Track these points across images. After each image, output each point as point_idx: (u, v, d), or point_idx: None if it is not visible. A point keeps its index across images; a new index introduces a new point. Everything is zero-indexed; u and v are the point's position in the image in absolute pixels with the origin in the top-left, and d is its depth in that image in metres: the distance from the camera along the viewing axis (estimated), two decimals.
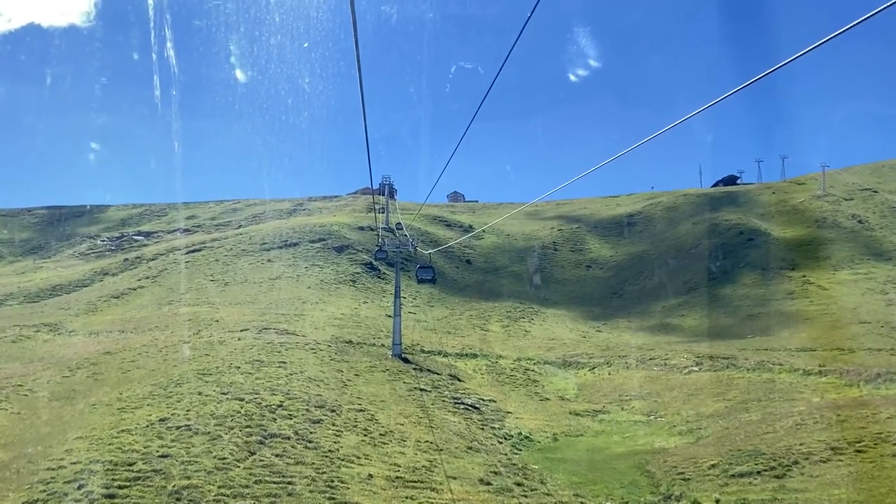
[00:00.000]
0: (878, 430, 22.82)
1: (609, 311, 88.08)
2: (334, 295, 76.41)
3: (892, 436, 21.97)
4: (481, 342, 62.70)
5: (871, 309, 73.79)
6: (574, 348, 58.10)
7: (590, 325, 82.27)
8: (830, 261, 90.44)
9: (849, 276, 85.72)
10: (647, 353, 51.17)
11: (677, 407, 36.64)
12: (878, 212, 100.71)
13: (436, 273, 49.89)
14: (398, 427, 28.71)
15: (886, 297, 77.96)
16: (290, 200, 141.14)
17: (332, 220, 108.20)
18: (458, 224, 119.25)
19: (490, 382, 44.95)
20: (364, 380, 38.77)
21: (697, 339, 71.08)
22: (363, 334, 55.05)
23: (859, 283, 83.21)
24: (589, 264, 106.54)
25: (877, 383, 33.22)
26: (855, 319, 70.29)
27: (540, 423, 35.01)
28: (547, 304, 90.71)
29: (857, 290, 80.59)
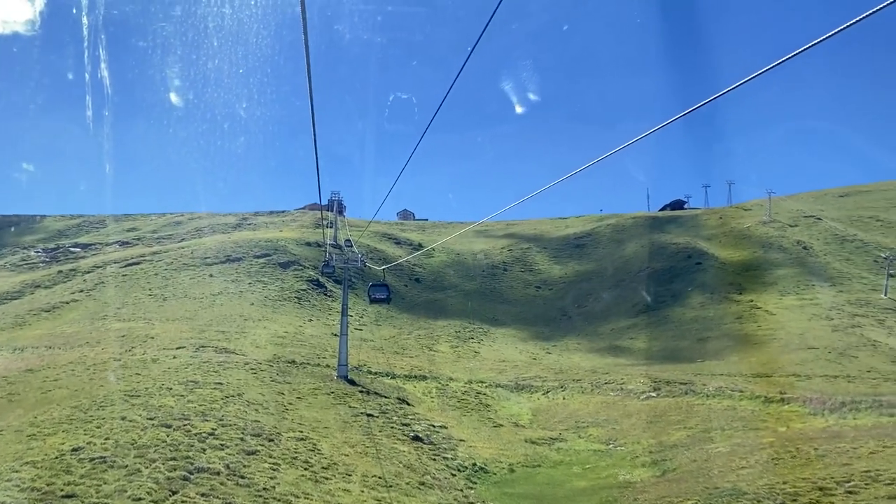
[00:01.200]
0: (864, 468, 21.03)
1: (559, 333, 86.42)
2: (278, 312, 73.06)
3: (882, 474, 20.18)
4: (430, 363, 60.14)
5: (817, 335, 73.46)
6: (526, 371, 55.93)
7: (540, 347, 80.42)
8: (777, 286, 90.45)
9: (795, 302, 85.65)
10: (603, 376, 49.25)
11: (637, 435, 34.61)
12: (822, 238, 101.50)
13: (391, 292, 45.79)
14: (343, 458, 25.96)
15: (832, 323, 77.84)
16: (234, 215, 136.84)
17: (278, 236, 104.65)
18: (408, 242, 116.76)
19: (440, 407, 42.39)
20: (307, 403, 35.87)
21: (648, 361, 69.74)
22: (307, 354, 52.02)
23: (805, 308, 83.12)
24: (538, 285, 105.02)
25: (842, 412, 31.71)
26: (803, 345, 69.76)
27: (494, 452, 32.59)
28: (496, 324, 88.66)
29: (804, 316, 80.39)
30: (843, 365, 62.44)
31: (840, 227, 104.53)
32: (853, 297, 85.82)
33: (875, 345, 70.12)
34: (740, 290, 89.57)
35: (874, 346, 69.49)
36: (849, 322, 77.67)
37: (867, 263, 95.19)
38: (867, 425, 28.40)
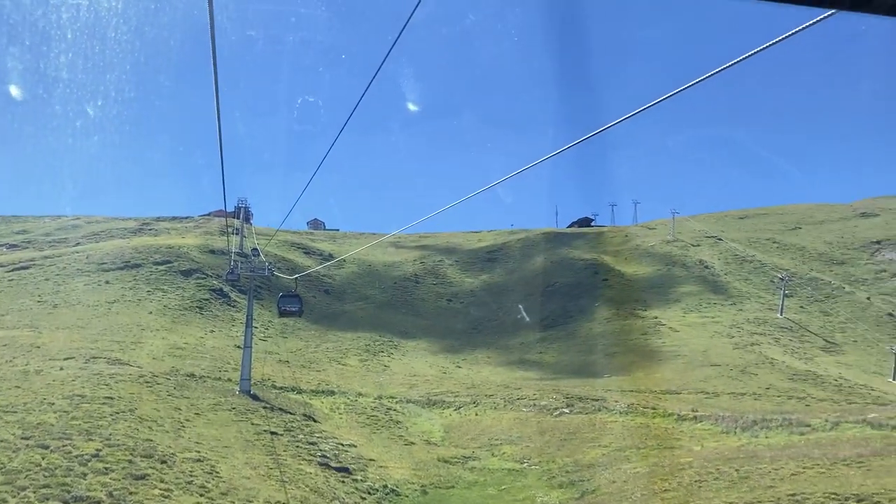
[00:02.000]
0: (790, 490, 20.55)
1: (469, 346, 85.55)
2: (178, 322, 69.35)
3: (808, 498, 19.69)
4: (339, 378, 57.97)
5: (719, 352, 75.04)
6: (437, 385, 54.55)
7: (450, 360, 79.31)
8: (680, 303, 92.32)
9: (697, 319, 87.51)
10: (515, 392, 48.32)
11: (552, 453, 33.68)
12: (723, 258, 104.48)
13: (303, 304, 42.53)
14: (243, 482, 23.85)
15: (732, 341, 79.77)
16: (135, 219, 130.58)
17: (180, 242, 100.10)
18: (318, 252, 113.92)
19: (349, 424, 40.45)
20: (206, 420, 33.39)
21: (557, 375, 69.64)
22: (208, 367, 49.12)
23: (707, 325, 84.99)
24: (450, 297, 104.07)
25: (754, 431, 31.64)
26: (706, 362, 71.06)
27: (406, 472, 30.99)
28: (407, 337, 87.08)
29: (706, 333, 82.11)
30: (745, 382, 63.77)
31: (740, 248, 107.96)
32: (752, 315, 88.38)
33: (773, 362, 72.10)
34: (645, 306, 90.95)
35: (772, 364, 71.43)
36: (748, 340, 79.80)
37: (764, 283, 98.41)
38: (780, 444, 28.26)
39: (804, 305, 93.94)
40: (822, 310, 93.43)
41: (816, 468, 22.55)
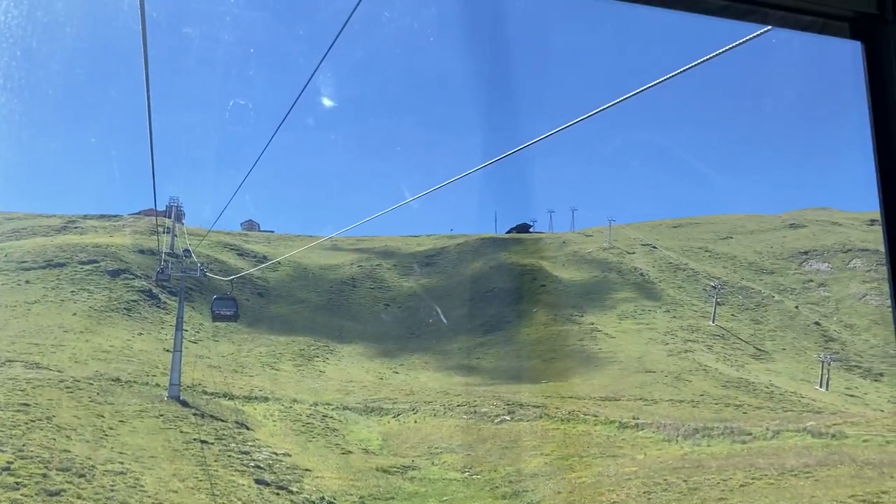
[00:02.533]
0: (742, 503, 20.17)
1: (406, 351, 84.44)
2: (104, 324, 66.34)
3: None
4: (272, 383, 56.13)
5: (654, 358, 75.69)
6: (375, 392, 53.26)
7: (387, 366, 78.09)
8: (616, 310, 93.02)
9: (632, 326, 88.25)
10: (455, 398, 47.45)
11: (494, 462, 32.86)
12: (657, 266, 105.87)
13: (238, 308, 40.42)
14: (170, 497, 22.28)
15: (667, 348, 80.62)
16: (60, 217, 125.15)
17: (108, 241, 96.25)
18: (252, 254, 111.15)
19: (284, 432, 38.89)
20: (131, 428, 31.50)
21: (495, 381, 69.12)
22: (135, 371, 46.82)
23: (642, 332, 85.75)
24: (387, 302, 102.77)
25: (696, 439, 31.44)
26: (641, 368, 71.55)
27: (344, 483, 29.73)
28: (343, 341, 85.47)
29: (641, 340, 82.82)
30: (679, 388, 64.33)
31: (673, 256, 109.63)
32: (685, 322, 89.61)
33: (706, 369, 73.06)
34: (582, 312, 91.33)
35: (706, 371, 72.37)
36: (682, 347, 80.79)
37: (697, 291, 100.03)
38: (723, 453, 28.06)
39: (735, 313, 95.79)
40: (752, 318, 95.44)
41: (765, 479, 22.28)
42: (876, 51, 1.94)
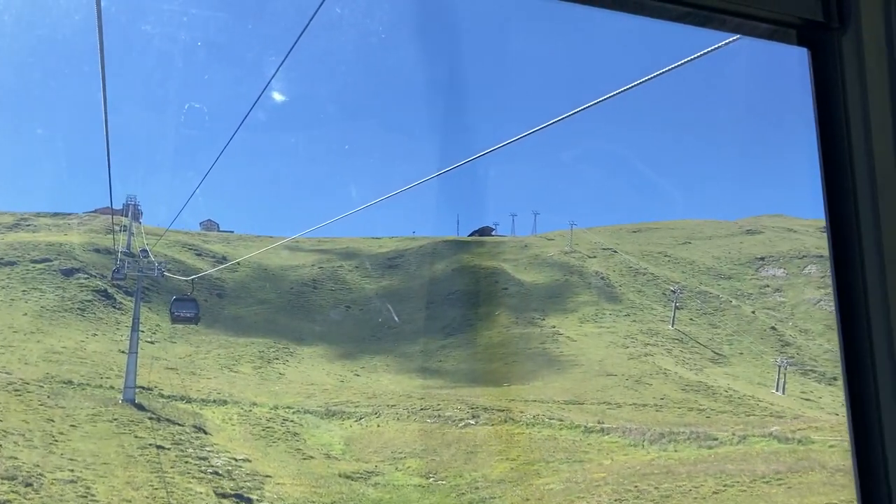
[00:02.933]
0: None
1: (368, 353, 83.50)
2: (56, 325, 64.25)
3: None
4: (231, 386, 54.78)
5: (615, 362, 75.89)
6: (336, 395, 52.26)
7: (348, 368, 77.11)
8: (577, 313, 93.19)
9: (594, 329, 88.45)
10: (418, 402, 46.69)
11: (459, 467, 32.22)
12: (618, 270, 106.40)
13: (199, 310, 38.82)
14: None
15: (627, 351, 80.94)
16: (11, 214, 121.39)
17: (62, 240, 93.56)
18: (211, 254, 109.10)
19: (243, 436, 37.78)
20: (83, 432, 30.20)
21: (458, 384, 68.61)
22: (88, 373, 45.21)
23: (603, 335, 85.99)
24: (349, 304, 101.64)
25: (662, 444, 31.19)
26: (602, 371, 71.64)
27: (305, 490, 28.81)
28: (303, 343, 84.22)
29: (602, 343, 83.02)
30: (640, 392, 64.46)
31: (633, 261, 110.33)
32: (645, 326, 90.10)
33: (666, 373, 73.42)
34: (544, 315, 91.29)
35: (665, 375, 72.71)
36: (642, 350, 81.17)
37: (657, 295, 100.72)
38: (691, 458, 27.80)
39: (694, 318, 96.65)
40: (710, 322, 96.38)
41: (737, 486, 22.01)
42: (822, 58, 1.96)
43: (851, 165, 1.89)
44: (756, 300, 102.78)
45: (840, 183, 1.90)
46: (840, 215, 1.91)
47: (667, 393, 65.46)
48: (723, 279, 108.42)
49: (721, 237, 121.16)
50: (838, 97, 1.92)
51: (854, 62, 1.91)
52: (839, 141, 1.92)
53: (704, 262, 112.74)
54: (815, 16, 1.95)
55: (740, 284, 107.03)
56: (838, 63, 1.93)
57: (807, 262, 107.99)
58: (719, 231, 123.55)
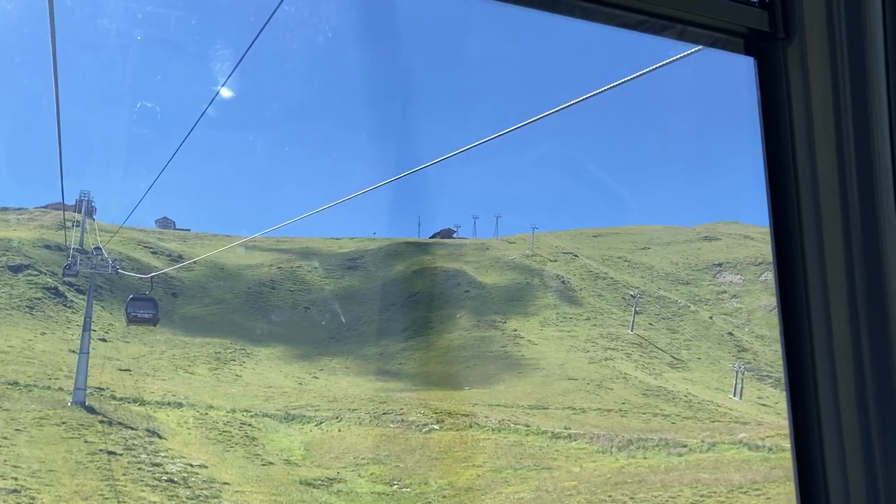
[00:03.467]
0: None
1: (327, 355, 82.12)
2: (3, 323, 61.75)
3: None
4: (187, 388, 53.07)
5: (576, 366, 75.75)
6: (296, 398, 50.90)
7: (306, 370, 75.69)
8: (538, 317, 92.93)
9: (555, 333, 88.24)
10: (380, 406, 45.59)
11: (424, 474, 31.27)
12: (578, 274, 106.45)
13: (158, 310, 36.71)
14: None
15: (588, 355, 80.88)
16: None
17: (10, 235, 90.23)
18: (167, 252, 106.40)
19: (200, 440, 36.32)
20: (28, 437, 28.57)
21: (418, 387, 67.75)
22: (36, 374, 43.24)
23: (564, 339, 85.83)
24: (307, 305, 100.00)
25: (630, 450, 30.66)
26: (564, 375, 71.38)
27: (265, 497, 27.60)
28: (261, 344, 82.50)
29: (563, 347, 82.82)
30: (602, 396, 64.26)
31: (594, 265, 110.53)
32: (605, 331, 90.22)
33: (626, 377, 73.45)
34: (505, 318, 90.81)
35: (626, 379, 72.73)
36: (603, 355, 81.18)
37: (616, 300, 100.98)
38: (661, 466, 27.27)
39: (653, 322, 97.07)
40: (668, 327, 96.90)
41: (714, 496, 21.47)
42: (767, 68, 1.99)
43: (795, 173, 1.91)
44: (713, 306, 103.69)
45: (784, 190, 1.93)
46: (784, 222, 1.94)
47: (628, 398, 65.37)
48: (681, 284, 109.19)
49: (679, 243, 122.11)
50: (783, 106, 1.93)
51: (798, 72, 1.93)
52: (784, 149, 1.93)
53: (663, 268, 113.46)
54: (760, 25, 1.95)
55: (698, 290, 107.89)
56: (783, 73, 1.95)
57: (763, 269, 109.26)
58: (678, 237, 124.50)
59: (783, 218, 1.95)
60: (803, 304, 1.92)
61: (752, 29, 1.98)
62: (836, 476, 1.89)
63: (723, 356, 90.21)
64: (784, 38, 1.95)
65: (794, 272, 1.95)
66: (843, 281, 1.87)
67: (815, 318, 1.90)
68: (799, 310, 1.94)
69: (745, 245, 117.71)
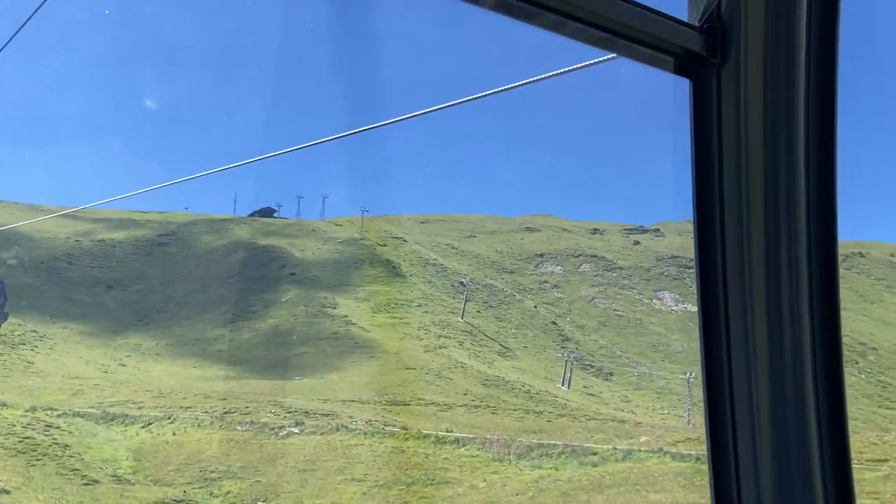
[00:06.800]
0: None
1: (133, 340, 72.64)
2: None
3: None
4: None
5: (412, 354, 72.23)
6: (111, 392, 42.45)
7: (110, 357, 66.17)
8: (369, 302, 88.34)
9: (387, 320, 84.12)
10: (219, 403, 38.69)
11: (295, 492, 25.60)
12: (408, 260, 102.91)
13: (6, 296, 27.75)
14: None
15: (422, 343, 77.62)
16: None
17: None
18: None
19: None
20: None
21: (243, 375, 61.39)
22: None
23: (397, 327, 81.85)
24: (110, 283, 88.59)
25: (533, 459, 27.01)
26: (401, 364, 67.53)
27: None
28: (56, 326, 71.27)
29: (396, 335, 78.80)
30: (443, 387, 60.94)
31: (423, 251, 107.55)
32: (436, 318, 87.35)
33: (463, 367, 70.81)
34: (334, 304, 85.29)
35: (463, 369, 70.07)
36: (436, 343, 78.14)
37: (446, 287, 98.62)
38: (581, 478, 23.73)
39: (481, 310, 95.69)
40: (496, 315, 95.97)
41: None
42: (700, 90, 2.01)
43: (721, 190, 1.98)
44: (537, 295, 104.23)
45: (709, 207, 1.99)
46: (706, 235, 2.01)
47: (469, 388, 62.60)
48: (506, 273, 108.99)
49: (503, 233, 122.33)
50: (713, 127, 1.99)
51: (731, 95, 1.97)
52: (711, 166, 1.99)
53: (489, 256, 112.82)
54: (697, 48, 1.98)
55: (522, 279, 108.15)
56: (716, 95, 1.98)
57: (582, 261, 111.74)
58: (502, 227, 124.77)
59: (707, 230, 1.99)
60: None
61: (689, 50, 1.98)
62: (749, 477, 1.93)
63: (548, 345, 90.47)
64: (719, 62, 1.96)
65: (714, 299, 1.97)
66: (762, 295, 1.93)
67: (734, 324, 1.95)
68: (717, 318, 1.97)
69: (564, 237, 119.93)
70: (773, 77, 1.95)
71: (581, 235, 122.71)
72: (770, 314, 1.95)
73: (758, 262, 1.95)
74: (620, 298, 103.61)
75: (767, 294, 1.96)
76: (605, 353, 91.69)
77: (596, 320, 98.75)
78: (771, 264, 1.96)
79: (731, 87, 1.96)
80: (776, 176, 1.96)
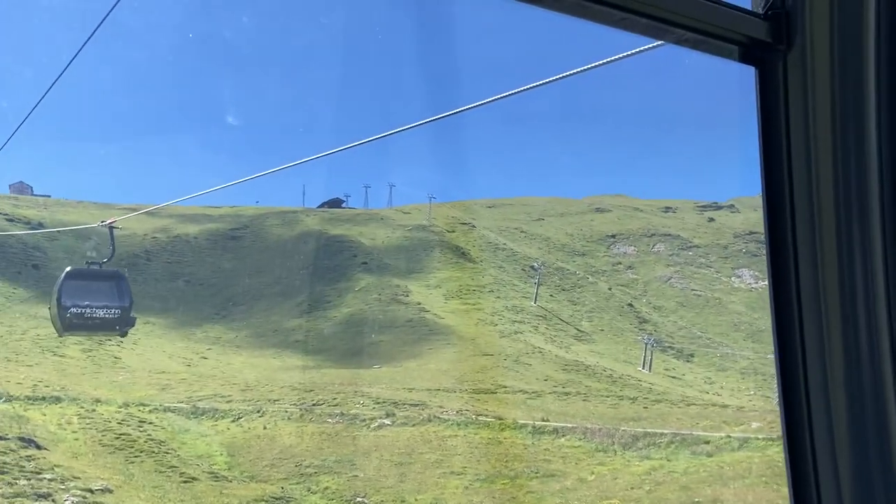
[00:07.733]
0: None
1: (214, 333, 73.41)
2: None
3: None
4: (61, 375, 43.35)
5: (488, 340, 71.06)
6: (198, 386, 42.44)
7: (192, 350, 66.88)
8: (441, 289, 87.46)
9: (460, 306, 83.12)
10: (306, 395, 38.15)
11: (394, 487, 24.65)
12: (478, 245, 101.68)
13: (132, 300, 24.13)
14: None
15: (497, 329, 76.36)
16: None
17: None
18: (24, 219, 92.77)
19: (91, 449, 27.88)
20: None
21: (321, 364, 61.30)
22: None
23: (470, 313, 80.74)
24: (188, 277, 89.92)
25: (639, 449, 25.41)
26: (478, 351, 66.37)
27: None
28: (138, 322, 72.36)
29: (471, 321, 77.68)
30: (523, 373, 59.56)
31: (492, 236, 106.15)
32: (509, 303, 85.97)
33: (541, 352, 69.34)
34: (407, 291, 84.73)
35: (542, 354, 68.59)
36: (511, 328, 76.77)
37: (517, 272, 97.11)
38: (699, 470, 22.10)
39: (553, 294, 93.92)
40: (569, 299, 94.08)
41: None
42: (767, 77, 2.01)
43: (791, 180, 1.97)
44: (610, 277, 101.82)
45: (780, 197, 1.98)
46: (778, 225, 2.00)
47: (549, 373, 61.15)
48: (577, 256, 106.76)
49: (572, 214, 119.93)
50: (782, 115, 1.97)
51: (799, 83, 1.96)
52: (780, 156, 1.98)
53: (559, 239, 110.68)
54: (762, 35, 1.97)
55: (594, 261, 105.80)
56: (783, 83, 1.97)
57: (655, 241, 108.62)
58: (570, 209, 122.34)
59: (778, 221, 1.99)
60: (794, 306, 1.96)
61: (753, 38, 1.97)
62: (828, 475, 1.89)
63: (625, 327, 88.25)
64: (785, 49, 1.95)
65: (786, 284, 1.97)
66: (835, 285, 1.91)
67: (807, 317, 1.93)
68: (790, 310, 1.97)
69: (636, 217, 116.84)
70: (840, 62, 1.88)
71: (653, 214, 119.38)
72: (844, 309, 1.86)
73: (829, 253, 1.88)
74: (698, 277, 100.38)
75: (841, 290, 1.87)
76: (685, 334, 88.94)
77: (673, 301, 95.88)
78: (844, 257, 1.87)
79: (798, 73, 1.92)
80: (846, 162, 1.87)
